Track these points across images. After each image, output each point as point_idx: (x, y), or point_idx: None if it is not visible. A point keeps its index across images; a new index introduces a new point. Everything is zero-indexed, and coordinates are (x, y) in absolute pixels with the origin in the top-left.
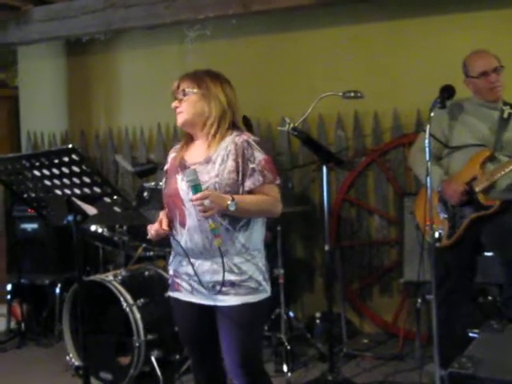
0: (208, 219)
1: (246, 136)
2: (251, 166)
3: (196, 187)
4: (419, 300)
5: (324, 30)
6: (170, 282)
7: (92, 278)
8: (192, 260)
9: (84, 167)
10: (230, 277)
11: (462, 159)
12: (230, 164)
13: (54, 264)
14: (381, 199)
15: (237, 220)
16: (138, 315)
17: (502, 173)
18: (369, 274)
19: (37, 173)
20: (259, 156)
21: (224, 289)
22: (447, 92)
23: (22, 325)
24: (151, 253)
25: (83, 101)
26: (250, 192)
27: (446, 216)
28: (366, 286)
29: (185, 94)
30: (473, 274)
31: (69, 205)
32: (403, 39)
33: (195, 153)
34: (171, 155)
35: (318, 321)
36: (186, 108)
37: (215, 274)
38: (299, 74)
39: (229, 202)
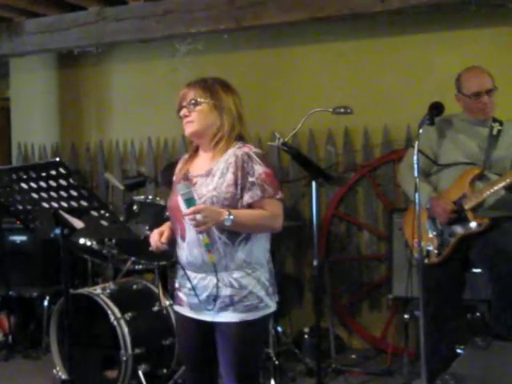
0: (202, 234)
1: (248, 148)
2: (250, 179)
3: (189, 201)
4: (407, 316)
5: (315, 46)
6: (174, 294)
7: (80, 291)
8: (192, 274)
9: (71, 181)
10: (228, 292)
11: (451, 176)
12: (229, 177)
13: (42, 276)
14: (370, 215)
15: (236, 234)
16: (125, 329)
17: (491, 191)
18: (358, 289)
19: (24, 185)
20: (259, 169)
21: (223, 305)
22: (436, 109)
23: (10, 337)
24: (140, 266)
25: (74, 113)
26: (250, 206)
27: (434, 233)
28: (354, 301)
29: (196, 104)
30: (461, 290)
31: (56, 218)
32: (393, 56)
33: (200, 164)
34: (179, 165)
35: (306, 336)
36: (198, 118)
37: (214, 288)
38: (290, 90)
39: (225, 217)
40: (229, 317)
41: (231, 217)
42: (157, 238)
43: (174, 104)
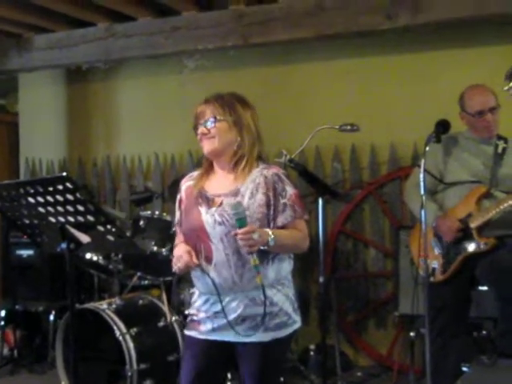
0: (252, 255)
1: (276, 169)
2: (283, 200)
3: (241, 220)
4: (413, 333)
5: (321, 64)
6: (188, 320)
7: (86, 305)
8: (220, 297)
9: (78, 195)
10: (260, 310)
11: (457, 195)
12: (260, 197)
13: (48, 291)
14: (377, 232)
15: (265, 254)
16: (131, 344)
17: (497, 210)
18: (364, 306)
19: (31, 200)
20: (290, 190)
21: (253, 323)
22: (442, 127)
23: (15, 351)
24: (146, 282)
25: (82, 128)
26: (282, 227)
27: (440, 251)
28: (360, 318)
29: (215, 121)
30: (467, 308)
31: (62, 232)
32: (400, 74)
33: (218, 184)
34: (186, 184)
35: (311, 353)
36: (218, 136)
37: (247, 308)
38: (296, 106)
39: (270, 238)
40: (259, 336)
41: (273, 237)
42: (188, 256)
43: (182, 120)
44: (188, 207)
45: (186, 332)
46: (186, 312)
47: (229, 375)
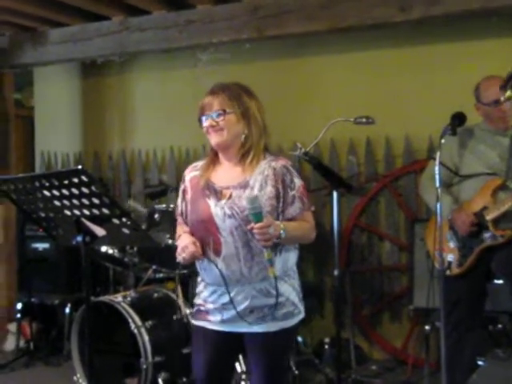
0: (267, 249)
1: (284, 161)
2: (292, 192)
3: (258, 215)
4: (428, 327)
5: (336, 56)
6: (194, 310)
7: (101, 298)
8: (229, 289)
9: (93, 188)
10: (268, 301)
11: (472, 188)
12: (269, 190)
13: (64, 284)
14: (392, 225)
15: (274, 246)
16: (146, 337)
17: None
18: (379, 299)
19: (47, 193)
20: (298, 182)
21: (261, 314)
22: (458, 119)
23: (31, 344)
24: (161, 275)
25: (97, 122)
26: (291, 219)
27: (456, 244)
28: (375, 311)
29: (224, 113)
30: (483, 301)
31: (78, 225)
32: (415, 66)
33: (225, 175)
34: (190, 174)
35: (326, 346)
36: (226, 128)
37: (254, 300)
38: (311, 99)
39: (282, 231)
40: (267, 327)
41: (284, 229)
42: (193, 247)
43: (197, 114)
44: (194, 198)
45: (195, 322)
46: (196, 303)
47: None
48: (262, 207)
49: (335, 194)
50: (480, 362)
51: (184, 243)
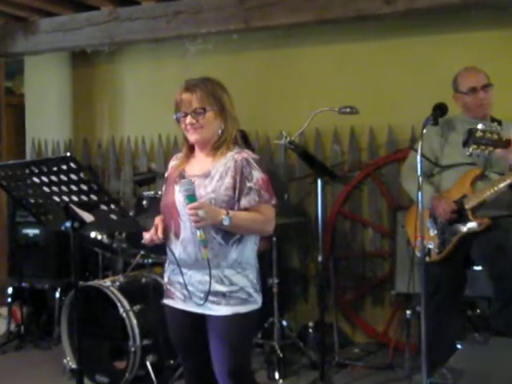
0: (199, 230)
1: (246, 154)
2: (248, 184)
3: (190, 197)
4: (409, 311)
5: (321, 47)
6: (164, 288)
7: (90, 283)
8: (184, 270)
9: (81, 175)
10: (220, 288)
11: (452, 177)
12: (228, 181)
13: (54, 269)
14: (374, 213)
15: (230, 235)
16: (134, 321)
17: (492, 191)
18: (361, 285)
19: (36, 180)
20: (257, 175)
21: (215, 299)
22: (440, 110)
23: (22, 327)
24: (149, 260)
25: (87, 110)
26: (246, 210)
27: (436, 232)
28: (358, 296)
29: (204, 112)
30: (462, 287)
31: (66, 211)
32: (398, 57)
33: (197, 165)
34: (172, 163)
35: (310, 330)
36: (206, 125)
37: (206, 285)
38: (297, 89)
39: (223, 217)
40: (221, 310)
41: (229, 217)
42: (152, 231)
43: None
44: (167, 185)
45: (164, 301)
46: (163, 281)
47: None
48: (194, 191)
49: (319, 182)
50: (459, 346)
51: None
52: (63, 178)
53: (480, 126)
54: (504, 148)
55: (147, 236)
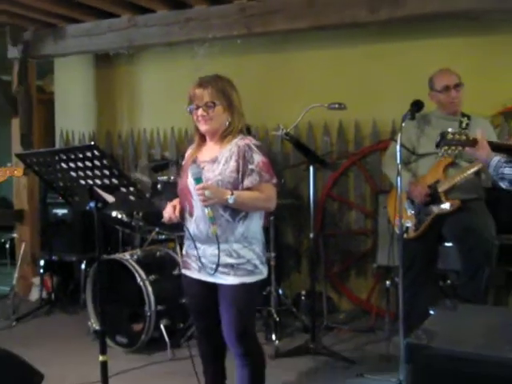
0: (207, 208)
1: (248, 140)
2: (250, 166)
3: (198, 179)
4: (389, 282)
5: (314, 51)
6: (182, 260)
7: (112, 256)
8: (198, 245)
9: (104, 161)
10: (229, 260)
11: (427, 164)
12: (232, 164)
13: (80, 244)
14: (359, 196)
15: (236, 213)
16: (149, 289)
17: (462, 177)
18: (347, 258)
19: (64, 165)
20: (257, 158)
21: (225, 270)
22: (417, 106)
23: (52, 295)
24: (163, 236)
25: (109, 106)
26: (248, 189)
27: (413, 212)
28: (344, 268)
29: (214, 105)
30: (435, 261)
31: (91, 193)
32: (381, 60)
33: (207, 152)
34: (187, 152)
35: (303, 297)
36: (215, 118)
37: (217, 257)
38: (292, 88)
39: (228, 196)
40: (230, 280)
41: (234, 196)
42: (171, 210)
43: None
44: (183, 171)
45: (182, 270)
46: (182, 252)
47: None
48: (201, 174)
49: (311, 169)
50: (431, 312)
51: (167, 207)
52: (88, 164)
53: (450, 130)
54: (471, 147)
55: (166, 215)
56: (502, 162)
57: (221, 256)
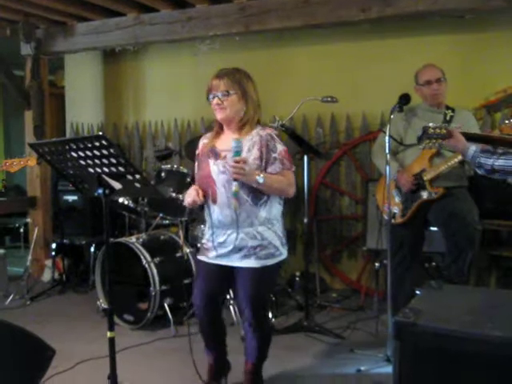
0: (236, 182)
1: (270, 130)
2: (273, 155)
3: (238, 152)
4: (378, 264)
5: (308, 48)
6: (200, 247)
7: (119, 239)
8: (220, 230)
9: (111, 151)
10: (253, 243)
11: (414, 155)
12: (255, 152)
13: (89, 228)
14: (350, 183)
15: (258, 198)
16: (154, 270)
17: (446, 166)
18: (339, 242)
19: (74, 154)
20: (280, 147)
21: (247, 253)
22: (404, 99)
23: (63, 276)
24: (167, 221)
25: (116, 99)
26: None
27: (400, 199)
28: (336, 251)
29: (228, 94)
30: (421, 244)
31: (99, 180)
32: (371, 56)
33: (225, 141)
34: (203, 141)
35: (297, 278)
36: (230, 106)
37: (242, 241)
38: (288, 82)
39: (258, 177)
40: (252, 263)
41: (262, 177)
42: (195, 193)
43: (196, 93)
44: (201, 160)
45: (198, 256)
46: (201, 242)
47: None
48: (242, 148)
49: (306, 158)
50: (417, 292)
51: (189, 191)
52: (96, 153)
53: (431, 124)
54: (448, 139)
55: (190, 199)
56: (478, 152)
57: (244, 239)
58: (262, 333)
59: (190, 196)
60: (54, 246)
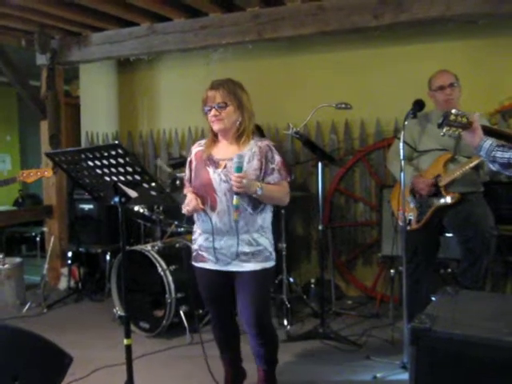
0: (237, 195)
1: (268, 141)
2: (271, 166)
3: (239, 168)
4: (393, 271)
5: (322, 55)
6: (194, 254)
7: (134, 247)
8: (219, 237)
9: (127, 159)
10: (249, 249)
11: (428, 160)
12: (256, 163)
13: (105, 236)
14: (364, 190)
15: (256, 206)
16: (170, 278)
17: (461, 171)
18: (354, 248)
19: (90, 163)
20: (277, 158)
21: (244, 258)
22: (418, 105)
23: (79, 284)
24: (182, 229)
25: (130, 108)
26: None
27: (415, 205)
28: (351, 258)
29: (226, 106)
30: (436, 250)
31: (115, 189)
32: (384, 62)
33: (223, 151)
34: (196, 149)
35: (312, 285)
36: (227, 117)
37: (240, 246)
38: (302, 89)
39: (257, 188)
40: (250, 266)
41: (261, 188)
42: (195, 202)
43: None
44: (198, 167)
45: (194, 263)
46: (194, 248)
47: None
48: (243, 163)
49: (320, 165)
50: (433, 298)
51: (189, 199)
52: (112, 161)
53: (454, 111)
54: (467, 129)
55: (190, 207)
56: (494, 146)
57: (241, 245)
58: (267, 338)
59: (191, 204)
60: (69, 254)
